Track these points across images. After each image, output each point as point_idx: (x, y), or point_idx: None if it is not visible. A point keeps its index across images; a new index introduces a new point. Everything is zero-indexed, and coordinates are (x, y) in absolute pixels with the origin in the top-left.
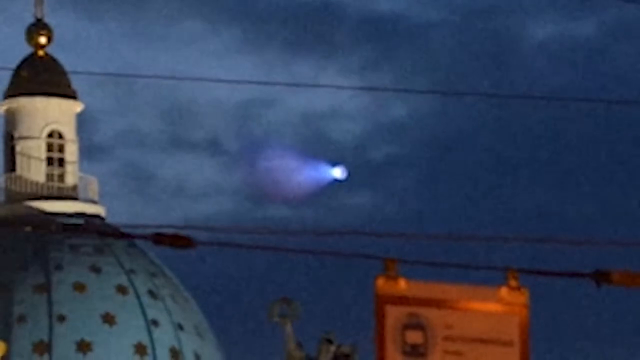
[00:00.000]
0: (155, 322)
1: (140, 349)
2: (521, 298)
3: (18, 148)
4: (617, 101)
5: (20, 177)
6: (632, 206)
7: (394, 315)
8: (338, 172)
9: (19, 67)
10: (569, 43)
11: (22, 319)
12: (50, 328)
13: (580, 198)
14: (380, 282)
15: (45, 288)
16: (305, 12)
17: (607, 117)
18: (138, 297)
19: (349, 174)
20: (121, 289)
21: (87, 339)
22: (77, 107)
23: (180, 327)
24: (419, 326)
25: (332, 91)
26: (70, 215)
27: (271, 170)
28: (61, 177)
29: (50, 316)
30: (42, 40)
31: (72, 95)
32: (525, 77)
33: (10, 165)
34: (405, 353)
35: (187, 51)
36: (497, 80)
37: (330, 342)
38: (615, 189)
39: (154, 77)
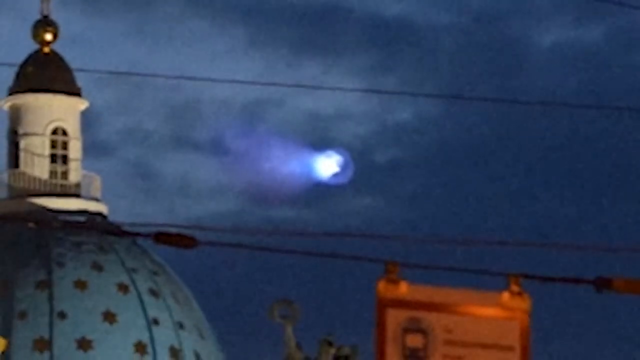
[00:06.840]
0: (155, 321)
1: (140, 347)
2: (523, 304)
3: (22, 144)
4: (625, 107)
5: (23, 174)
6: (635, 213)
7: (395, 318)
8: (332, 167)
9: (24, 64)
10: (577, 49)
11: (23, 315)
12: (51, 325)
13: (584, 204)
14: (382, 285)
15: (46, 285)
16: (312, 14)
17: (614, 123)
18: (139, 295)
19: (353, 176)
20: (122, 287)
21: (88, 336)
22: (82, 104)
23: (181, 325)
24: (419, 330)
25: (338, 93)
26: (73, 213)
27: (275, 171)
28: (64, 175)
29: (51, 313)
30: (48, 37)
31: (76, 93)
32: (532, 82)
33: (14, 162)
34: (405, 357)
35: (192, 50)
36: (504, 85)
37: (330, 344)
38: (620, 195)
39: (159, 75)
